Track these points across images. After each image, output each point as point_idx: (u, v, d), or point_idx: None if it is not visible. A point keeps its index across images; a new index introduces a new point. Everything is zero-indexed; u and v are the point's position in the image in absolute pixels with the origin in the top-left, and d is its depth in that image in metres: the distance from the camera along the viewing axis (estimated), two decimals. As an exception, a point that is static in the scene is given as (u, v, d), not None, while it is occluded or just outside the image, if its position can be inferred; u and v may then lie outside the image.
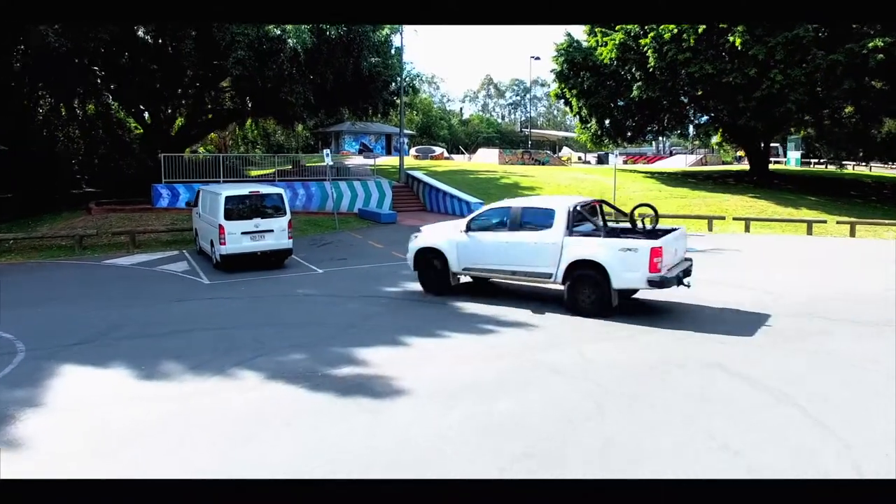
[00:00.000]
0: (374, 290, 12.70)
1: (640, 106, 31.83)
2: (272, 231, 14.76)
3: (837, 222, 21.59)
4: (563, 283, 10.57)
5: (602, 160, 59.33)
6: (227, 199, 14.46)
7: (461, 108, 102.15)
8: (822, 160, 48.81)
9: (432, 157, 49.75)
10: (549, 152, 54.49)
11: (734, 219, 22.58)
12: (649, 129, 36.38)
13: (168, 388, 7.43)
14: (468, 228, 11.63)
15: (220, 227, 14.33)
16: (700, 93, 30.01)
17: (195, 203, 17.26)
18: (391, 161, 39.59)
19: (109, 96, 28.52)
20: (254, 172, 31.35)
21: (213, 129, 36.05)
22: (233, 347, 8.89)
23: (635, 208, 11.56)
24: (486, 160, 46.70)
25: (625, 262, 9.90)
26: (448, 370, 7.87)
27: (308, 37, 22.39)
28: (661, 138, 47.23)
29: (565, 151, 64.82)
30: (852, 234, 20.57)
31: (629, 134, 35.70)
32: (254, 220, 14.61)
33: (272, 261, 15.07)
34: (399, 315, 10.75)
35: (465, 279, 12.29)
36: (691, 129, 36.24)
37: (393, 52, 30.29)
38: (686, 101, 32.78)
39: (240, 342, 9.17)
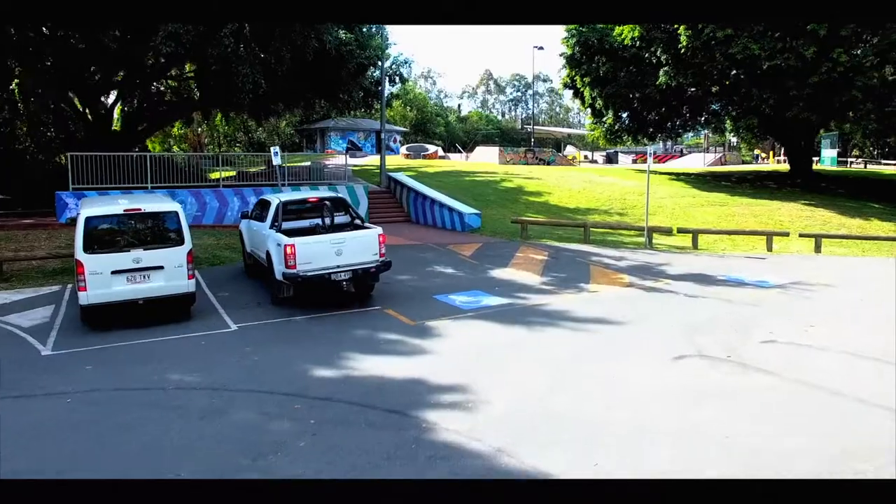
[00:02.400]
0: (298, 372, 7.84)
1: (666, 95, 26.96)
2: (161, 268, 9.86)
3: (941, 240, 16.77)
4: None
5: (611, 159, 54.35)
6: (89, 220, 9.59)
7: (459, 105, 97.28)
8: (859, 158, 43.93)
9: (425, 157, 44.82)
10: (554, 151, 49.59)
11: (801, 235, 17.69)
12: (674, 122, 31.45)
13: None
14: (244, 216, 13.61)
15: (78, 263, 9.47)
16: (728, 82, 25.19)
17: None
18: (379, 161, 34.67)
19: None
20: (215, 174, 26.50)
21: (165, 122, 31.08)
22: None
23: (324, 203, 12.09)
24: (484, 159, 41.82)
25: (279, 256, 10.49)
26: None
27: (255, 2, 17.56)
28: (689, 134, 42.18)
29: (569, 150, 59.85)
30: (963, 256, 15.75)
31: (650, 129, 30.82)
32: (132, 253, 9.72)
33: (168, 311, 10.22)
34: (317, 448, 5.87)
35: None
36: (727, 122, 31.02)
37: (374, 30, 25.43)
38: (716, 90, 27.85)
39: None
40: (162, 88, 29.40)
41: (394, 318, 10.28)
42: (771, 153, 55.78)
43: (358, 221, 12.16)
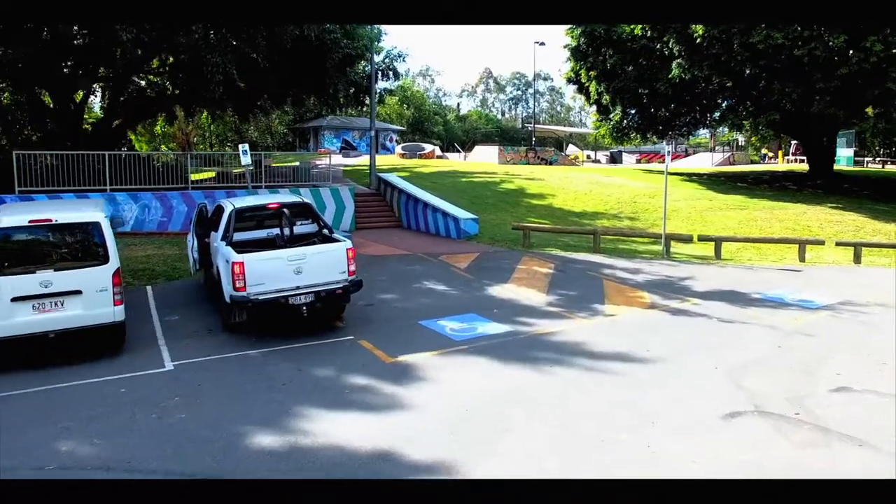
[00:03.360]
0: (231, 439, 5.93)
1: (678, 90, 25.03)
2: (79, 293, 7.94)
3: None
4: None
5: (615, 159, 52.41)
6: (-16, 235, 7.68)
7: (458, 104, 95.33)
8: (876, 158, 42.07)
9: (421, 156, 42.90)
10: (556, 150, 47.70)
11: (838, 244, 15.77)
12: (686, 119, 29.50)
13: None
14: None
15: (-32, 288, 7.57)
16: (746, 74, 23.23)
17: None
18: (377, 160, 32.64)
19: None
20: (196, 176, 24.58)
21: (141, 119, 29.15)
22: None
23: (282, 212, 9.96)
24: (484, 159, 39.92)
25: (227, 275, 8.81)
26: None
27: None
28: (704, 131, 40.25)
29: (572, 149, 57.93)
30: None
31: (660, 127, 28.90)
32: (40, 275, 7.78)
33: (92, 344, 8.32)
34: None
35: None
36: (745, 119, 29.04)
37: (363, 21, 23.52)
38: (730, 84, 25.88)
39: None
40: (143, 84, 27.52)
41: (368, 353, 8.38)
42: (780, 152, 53.85)
43: (326, 232, 10.30)
